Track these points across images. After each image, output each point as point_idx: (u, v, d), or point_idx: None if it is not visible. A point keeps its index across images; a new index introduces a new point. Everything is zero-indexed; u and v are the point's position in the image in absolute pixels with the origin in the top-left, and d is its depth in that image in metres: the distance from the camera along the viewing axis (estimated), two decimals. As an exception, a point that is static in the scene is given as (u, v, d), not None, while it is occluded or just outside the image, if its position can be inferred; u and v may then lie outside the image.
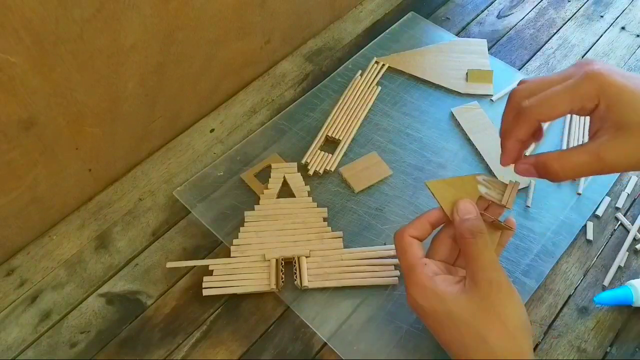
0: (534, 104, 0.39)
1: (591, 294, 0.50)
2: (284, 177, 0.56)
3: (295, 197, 0.55)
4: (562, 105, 0.38)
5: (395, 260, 0.51)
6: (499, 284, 0.40)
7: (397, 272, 0.50)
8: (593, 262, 0.52)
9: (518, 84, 0.42)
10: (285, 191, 0.56)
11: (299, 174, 0.56)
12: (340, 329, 0.48)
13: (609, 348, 0.48)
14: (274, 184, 0.56)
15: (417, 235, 0.44)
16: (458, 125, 0.61)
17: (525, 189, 0.56)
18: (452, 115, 0.62)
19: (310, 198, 0.55)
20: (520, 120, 0.40)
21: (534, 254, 0.52)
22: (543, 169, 0.40)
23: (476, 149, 0.59)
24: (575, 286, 0.51)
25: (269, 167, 0.57)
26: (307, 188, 0.55)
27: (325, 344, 0.48)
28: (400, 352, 0.47)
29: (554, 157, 0.40)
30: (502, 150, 0.43)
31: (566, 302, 0.50)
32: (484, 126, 0.61)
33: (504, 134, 0.42)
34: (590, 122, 0.40)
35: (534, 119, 0.40)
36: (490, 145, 0.59)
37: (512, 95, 0.41)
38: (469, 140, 0.60)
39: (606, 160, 0.38)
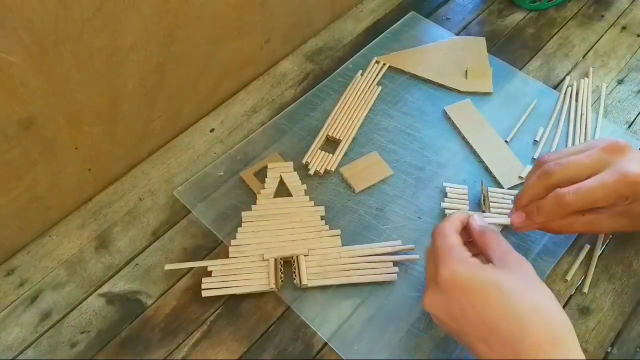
0: (558, 167, 0.45)
1: (592, 294, 0.50)
2: (281, 176, 0.56)
3: (292, 196, 0.55)
4: (595, 195, 0.43)
5: (394, 257, 0.51)
6: (523, 262, 0.41)
7: (396, 269, 0.50)
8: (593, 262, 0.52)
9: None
10: (283, 190, 0.56)
11: (295, 172, 0.56)
12: (340, 328, 0.48)
13: (610, 348, 0.48)
14: (271, 184, 0.56)
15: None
16: (458, 124, 0.61)
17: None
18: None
19: (307, 197, 0.55)
20: (541, 176, 0.46)
21: (534, 254, 0.52)
22: (556, 200, 0.44)
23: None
24: (576, 286, 0.51)
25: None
26: (304, 187, 0.55)
27: (325, 343, 0.48)
28: (401, 352, 0.47)
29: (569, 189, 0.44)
30: (515, 207, 0.48)
31: (566, 302, 0.50)
32: (477, 122, 0.61)
33: (522, 192, 0.47)
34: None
35: (554, 180, 0.45)
36: (484, 141, 0.59)
37: (538, 160, 0.47)
38: (469, 139, 0.60)
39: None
